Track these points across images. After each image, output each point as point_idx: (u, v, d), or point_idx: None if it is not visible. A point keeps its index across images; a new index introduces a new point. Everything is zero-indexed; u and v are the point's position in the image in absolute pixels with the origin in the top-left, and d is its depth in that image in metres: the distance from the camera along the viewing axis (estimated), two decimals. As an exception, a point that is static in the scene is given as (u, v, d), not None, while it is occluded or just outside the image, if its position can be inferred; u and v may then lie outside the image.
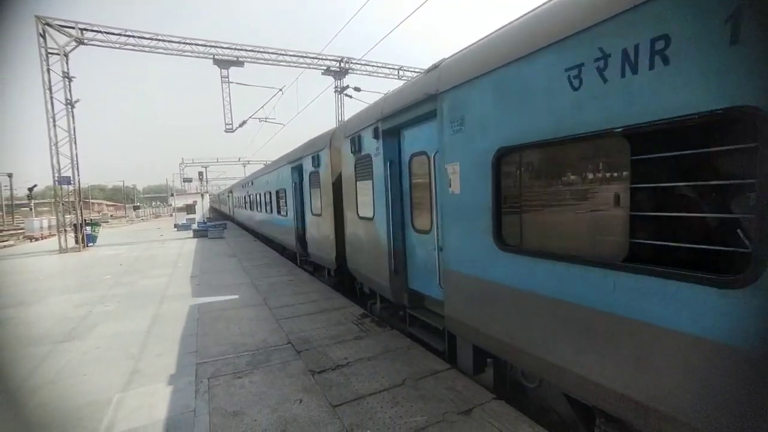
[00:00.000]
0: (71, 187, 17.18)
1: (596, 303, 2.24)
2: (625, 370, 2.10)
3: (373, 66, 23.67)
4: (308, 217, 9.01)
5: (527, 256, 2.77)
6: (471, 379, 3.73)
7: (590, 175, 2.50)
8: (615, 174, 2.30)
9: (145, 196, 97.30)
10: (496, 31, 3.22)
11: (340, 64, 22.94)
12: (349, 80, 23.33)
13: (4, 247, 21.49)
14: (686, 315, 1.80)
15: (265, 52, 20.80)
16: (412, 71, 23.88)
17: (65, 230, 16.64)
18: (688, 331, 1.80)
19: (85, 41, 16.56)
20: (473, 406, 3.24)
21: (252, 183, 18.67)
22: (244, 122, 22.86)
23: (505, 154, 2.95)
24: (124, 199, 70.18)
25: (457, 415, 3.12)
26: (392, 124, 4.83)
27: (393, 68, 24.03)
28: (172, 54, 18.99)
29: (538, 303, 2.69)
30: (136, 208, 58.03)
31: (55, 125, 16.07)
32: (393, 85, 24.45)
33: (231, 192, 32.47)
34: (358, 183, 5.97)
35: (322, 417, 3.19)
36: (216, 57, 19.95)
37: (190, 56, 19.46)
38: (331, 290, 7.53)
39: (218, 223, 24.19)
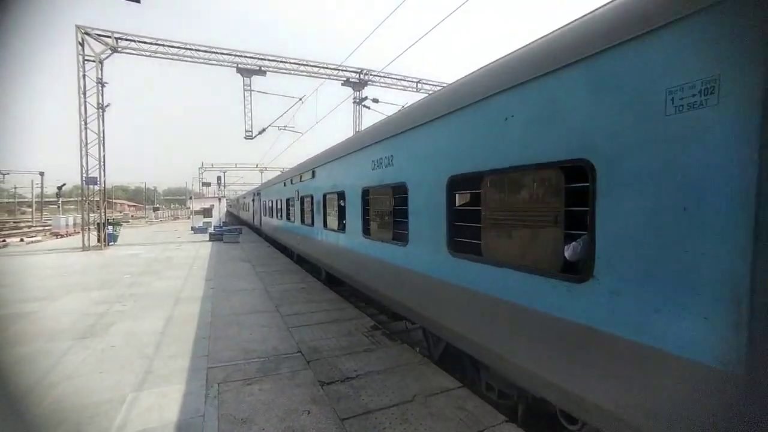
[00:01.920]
0: (97, 187, 17.88)
1: None
2: None
3: (392, 78, 24.00)
4: None
5: None
6: (482, 400, 3.64)
7: None
8: None
9: (165, 198, 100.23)
10: None
11: (359, 76, 23.36)
12: (367, 92, 23.75)
13: (32, 242, 22.41)
14: None
15: (286, 62, 21.39)
16: (431, 84, 24.11)
17: (89, 229, 17.25)
18: None
19: (119, 49, 17.42)
20: (484, 428, 3.15)
21: (312, 175, 9.35)
22: (263, 129, 23.43)
23: None
24: (144, 200, 72.48)
25: (467, 437, 3.05)
26: None
27: (412, 81, 24.30)
28: (198, 62, 19.76)
29: None
30: (155, 209, 59.83)
31: (86, 128, 16.84)
32: (411, 97, 24.67)
33: (258, 194, 22.82)
34: None
35: (330, 430, 3.16)
36: (240, 66, 20.63)
37: (215, 65, 20.19)
38: (343, 300, 7.53)
39: (234, 227, 24.64)
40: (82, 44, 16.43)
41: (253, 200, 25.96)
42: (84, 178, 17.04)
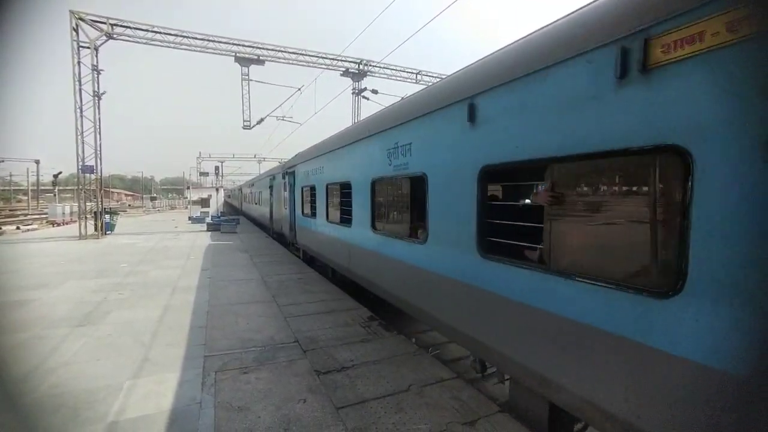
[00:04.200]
0: (93, 176, 17.74)
1: None
2: None
3: (391, 69, 23.74)
4: None
5: None
6: (477, 390, 3.68)
7: None
8: None
9: (162, 187, 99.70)
10: None
11: (359, 66, 23.09)
12: (366, 83, 23.52)
13: (29, 230, 22.31)
14: None
15: (285, 51, 21.09)
16: (430, 76, 23.87)
17: (86, 217, 17.16)
18: None
19: (115, 36, 17.11)
20: (478, 418, 3.20)
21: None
22: (261, 120, 23.22)
23: None
24: (142, 189, 72.13)
25: (461, 426, 3.09)
26: None
27: (411, 72, 24.05)
28: (195, 50, 19.44)
29: None
30: (153, 199, 59.56)
31: (82, 116, 16.63)
32: (410, 89, 24.46)
33: (288, 174, 12.62)
34: None
35: (326, 418, 3.19)
36: (238, 55, 20.33)
37: (213, 53, 19.87)
38: (340, 291, 7.56)
39: (231, 218, 24.59)
40: (76, 30, 16.12)
41: (271, 187, 16.35)
42: (80, 167, 16.90)
